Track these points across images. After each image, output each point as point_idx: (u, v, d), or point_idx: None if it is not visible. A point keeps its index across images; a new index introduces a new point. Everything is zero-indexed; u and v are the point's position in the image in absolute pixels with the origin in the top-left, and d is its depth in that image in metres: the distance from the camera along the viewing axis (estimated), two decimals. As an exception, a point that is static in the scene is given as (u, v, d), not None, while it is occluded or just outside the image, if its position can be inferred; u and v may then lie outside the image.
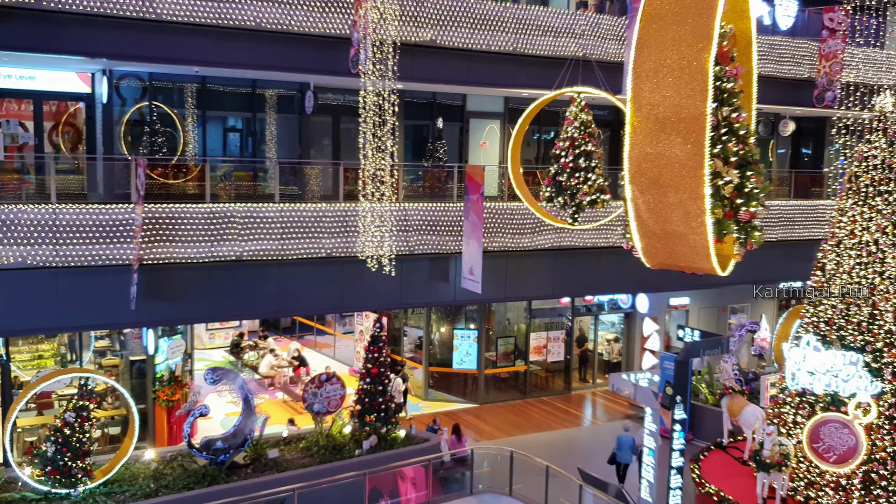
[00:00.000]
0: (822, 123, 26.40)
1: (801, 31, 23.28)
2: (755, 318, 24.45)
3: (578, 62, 17.25)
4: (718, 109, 7.36)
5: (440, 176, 20.05)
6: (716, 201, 7.34)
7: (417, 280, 18.24)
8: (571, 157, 15.66)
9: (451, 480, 16.66)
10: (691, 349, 14.82)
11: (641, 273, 13.63)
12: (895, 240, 14.45)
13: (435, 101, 20.79)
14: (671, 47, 6.84)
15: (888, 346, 14.16)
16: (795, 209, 23.22)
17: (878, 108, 15.05)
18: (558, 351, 24.10)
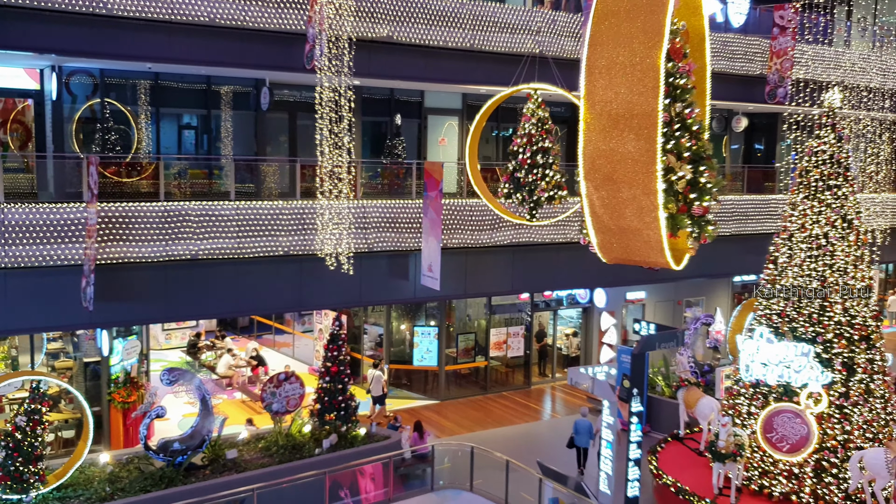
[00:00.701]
0: (773, 119, 26.92)
1: (753, 29, 23.69)
2: (710, 311, 24.87)
3: (535, 59, 17.34)
4: (671, 105, 7.47)
5: (399, 173, 20.02)
6: (669, 196, 7.45)
7: (377, 277, 18.18)
8: (529, 154, 15.75)
9: (412, 477, 16.66)
10: (647, 342, 15.04)
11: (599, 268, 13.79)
12: (844, 233, 14.81)
13: (393, 98, 20.73)
14: (623, 44, 6.91)
15: (838, 336, 14.52)
16: (748, 204, 23.65)
17: (827, 104, 15.40)
18: (518, 346, 24.24)
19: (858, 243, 14.90)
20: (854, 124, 23.71)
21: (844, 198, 14.90)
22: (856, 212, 15.08)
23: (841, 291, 14.60)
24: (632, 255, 7.76)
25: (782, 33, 22.30)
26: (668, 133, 7.39)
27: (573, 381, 22.46)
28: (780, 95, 22.62)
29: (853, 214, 14.97)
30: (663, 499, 15.62)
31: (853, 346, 14.52)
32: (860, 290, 14.72)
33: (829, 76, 23.56)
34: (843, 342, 14.49)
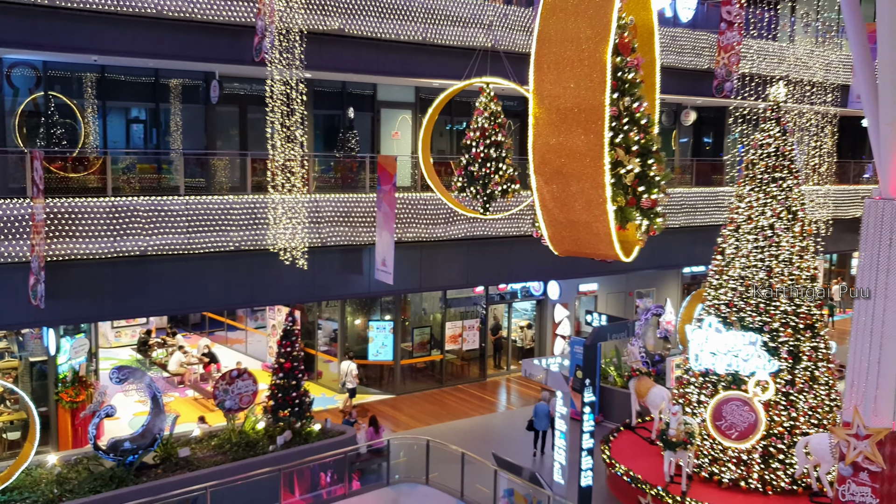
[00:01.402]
0: (721, 113, 27.41)
1: (701, 24, 24.08)
2: (660, 301, 25.27)
3: (487, 53, 17.38)
4: (620, 100, 7.56)
5: (352, 166, 19.92)
6: (618, 189, 7.54)
7: (330, 272, 18.09)
8: (482, 148, 15.79)
9: (367, 472, 16.63)
10: (599, 333, 15.21)
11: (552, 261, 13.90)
12: (789, 224, 15.17)
13: (345, 91, 20.61)
14: (571, 39, 6.98)
15: (784, 325, 14.87)
16: (697, 196, 24.05)
17: (773, 98, 15.73)
18: (473, 339, 24.33)
19: (803, 234, 15.27)
20: (798, 118, 24.26)
21: (789, 190, 15.25)
22: (800, 203, 15.45)
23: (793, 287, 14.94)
24: (582, 247, 7.84)
25: (729, 28, 22.71)
26: (616, 127, 7.49)
27: (527, 372, 22.64)
28: (727, 89, 23.03)
29: (798, 206, 15.33)
30: (616, 487, 15.86)
31: (799, 335, 14.89)
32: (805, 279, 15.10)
33: (774, 71, 24.05)
34: (789, 331, 14.85)
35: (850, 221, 25.24)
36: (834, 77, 25.20)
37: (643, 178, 7.81)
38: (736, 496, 14.55)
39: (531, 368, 22.23)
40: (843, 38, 24.88)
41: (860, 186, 28.30)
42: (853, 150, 29.65)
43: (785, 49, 24.67)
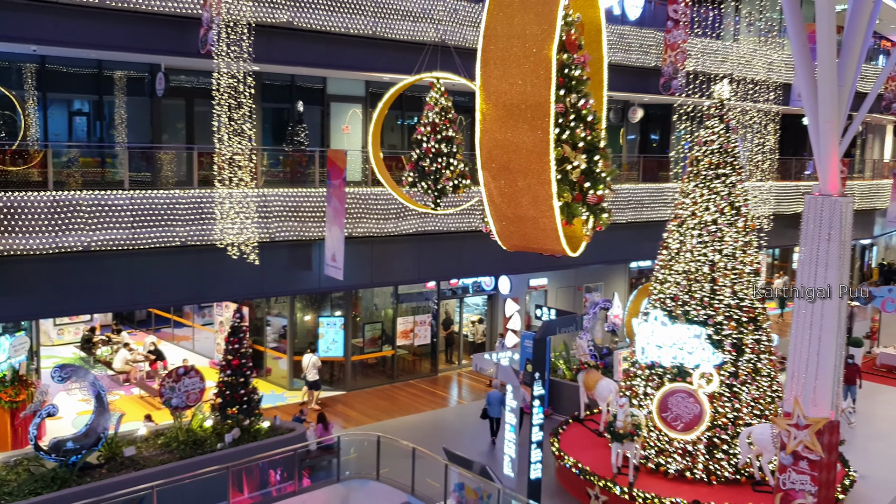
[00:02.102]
0: (668, 110, 27.84)
1: (648, 22, 24.41)
2: (608, 296, 25.61)
3: (438, 48, 17.38)
4: (566, 96, 7.63)
5: (301, 160, 19.75)
6: (564, 185, 7.62)
7: (279, 268, 17.91)
8: (433, 143, 15.81)
9: (317, 469, 16.54)
10: (548, 327, 15.35)
11: (503, 256, 14.00)
12: (732, 220, 15.48)
13: (294, 84, 20.42)
14: (517, 35, 7.01)
15: (727, 319, 15.19)
16: (644, 192, 24.42)
17: (717, 96, 16.04)
18: (425, 334, 24.35)
19: (746, 229, 15.61)
20: (742, 115, 24.78)
21: (732, 186, 15.56)
22: (743, 199, 15.78)
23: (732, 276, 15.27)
24: (530, 242, 7.90)
25: (675, 27, 23.07)
26: (563, 124, 7.55)
27: (478, 367, 22.75)
28: (674, 87, 23.40)
29: (741, 202, 15.66)
30: (565, 480, 16.04)
31: (742, 328, 15.23)
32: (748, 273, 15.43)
33: (718, 69, 24.52)
34: (733, 324, 15.17)
35: (791, 217, 25.89)
36: (776, 76, 25.79)
37: (589, 175, 7.90)
38: (682, 486, 14.82)
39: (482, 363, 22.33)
40: (785, 37, 25.46)
41: (801, 183, 29.06)
42: (795, 148, 30.40)
43: (729, 48, 25.16)
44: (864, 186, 34.36)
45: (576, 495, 15.58)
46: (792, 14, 11.22)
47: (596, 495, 14.97)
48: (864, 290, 24.70)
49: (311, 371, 20.68)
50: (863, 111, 11.92)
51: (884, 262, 41.51)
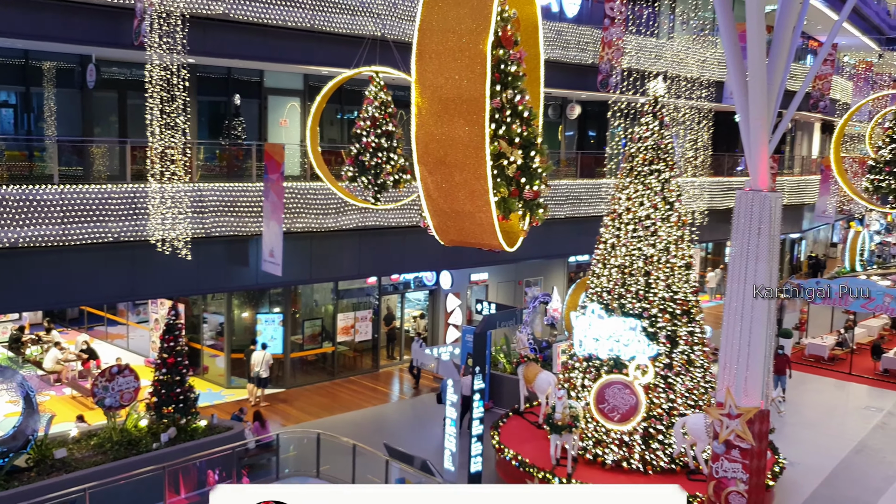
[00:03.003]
0: (605, 107, 28.22)
1: (586, 19, 24.71)
2: (547, 290, 25.90)
3: (377, 41, 17.30)
4: (502, 92, 7.66)
5: (238, 154, 19.44)
6: (501, 181, 7.66)
7: (215, 264, 17.61)
8: (373, 137, 15.73)
9: (256, 467, 16.36)
10: (488, 322, 15.45)
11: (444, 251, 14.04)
12: (666, 214, 15.80)
13: (231, 77, 20.07)
14: (452, 30, 7.02)
15: (662, 311, 15.50)
16: (581, 188, 24.72)
17: (652, 93, 16.33)
18: (366, 330, 24.25)
19: (679, 224, 15.95)
20: (675, 112, 25.28)
21: (666, 181, 15.87)
22: (677, 195, 16.12)
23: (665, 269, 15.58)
24: (467, 237, 7.93)
25: (612, 24, 23.39)
26: (499, 119, 7.59)
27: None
28: (611, 84, 23.74)
29: (674, 197, 15.99)
30: (505, 472, 16.17)
31: (676, 321, 15.56)
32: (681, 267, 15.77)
33: (653, 66, 24.96)
34: (667, 317, 15.49)
35: (724, 212, 26.54)
36: (710, 73, 26.39)
37: (525, 170, 7.95)
38: (619, 476, 15.09)
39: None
40: (717, 36, 26.07)
41: (734, 178, 29.82)
42: (728, 144, 31.15)
43: (664, 46, 25.64)
44: (794, 182, 35.45)
45: (516, 488, 15.71)
46: (723, 13, 11.47)
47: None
48: (794, 282, 25.50)
49: (265, 368, 20.42)
50: (792, 109, 12.25)
51: (813, 254, 42.91)
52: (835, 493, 15.99)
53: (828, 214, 34.77)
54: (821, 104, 35.02)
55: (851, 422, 20.40)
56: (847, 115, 22.56)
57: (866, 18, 39.90)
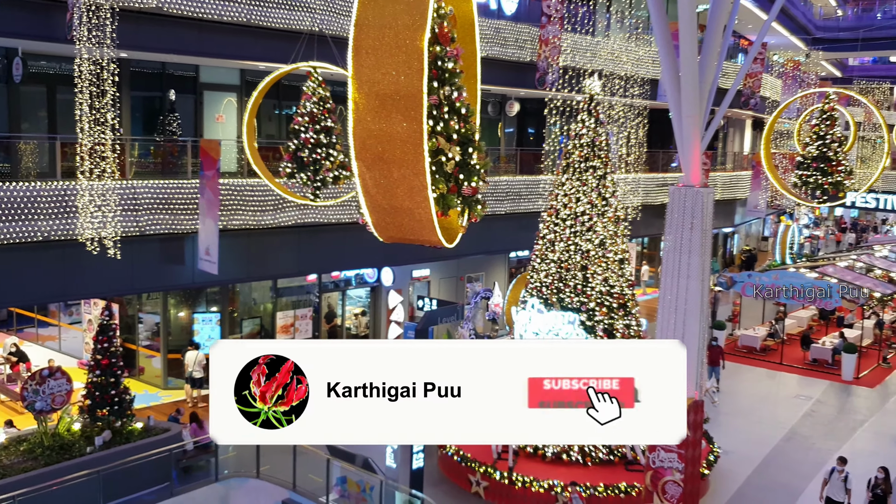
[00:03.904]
0: (544, 104, 28.53)
1: (524, 17, 24.88)
2: (489, 285, 26.05)
3: (315, 37, 17.14)
4: (440, 88, 7.68)
5: (173, 151, 19.05)
6: (439, 177, 7.68)
7: (150, 263, 17.24)
8: (312, 133, 15.60)
9: (195, 469, 16.09)
10: (429, 318, 15.48)
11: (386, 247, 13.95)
12: (602, 210, 16.06)
13: (165, 72, 19.65)
14: (389, 25, 7.01)
15: (599, 305, 15.76)
16: (521, 184, 24.94)
17: (588, 91, 16.57)
18: (306, 328, 24.02)
19: (615, 219, 16.23)
20: (611, 110, 25.68)
21: (602, 178, 16.14)
22: (612, 191, 16.39)
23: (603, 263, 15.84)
24: (406, 233, 7.93)
25: (549, 22, 23.63)
26: (437, 115, 7.60)
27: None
28: (549, 82, 23.99)
29: (610, 193, 16.26)
30: (447, 468, 16.24)
31: (613, 314, 15.84)
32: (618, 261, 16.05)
33: (589, 64, 25.30)
34: (604, 310, 15.76)
35: (659, 207, 27.09)
36: (644, 72, 26.88)
37: (464, 167, 7.99)
38: (559, 469, 15.29)
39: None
40: (652, 34, 26.56)
41: (668, 175, 30.45)
42: (662, 141, 31.79)
43: (600, 44, 26.01)
44: (726, 178, 36.37)
45: (458, 482, 15.80)
46: (657, 12, 11.71)
47: (477, 481, 15.24)
48: (726, 275, 26.20)
49: (198, 368, 20.06)
50: (724, 106, 12.58)
51: (747, 248, 44.11)
52: (767, 479, 16.51)
53: (759, 209, 35.84)
54: (751, 102, 36.03)
55: (782, 410, 21.07)
56: (776, 112, 23.28)
57: (794, 19, 41.21)
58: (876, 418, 20.45)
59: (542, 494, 14.48)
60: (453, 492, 15.64)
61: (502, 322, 21.42)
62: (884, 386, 23.47)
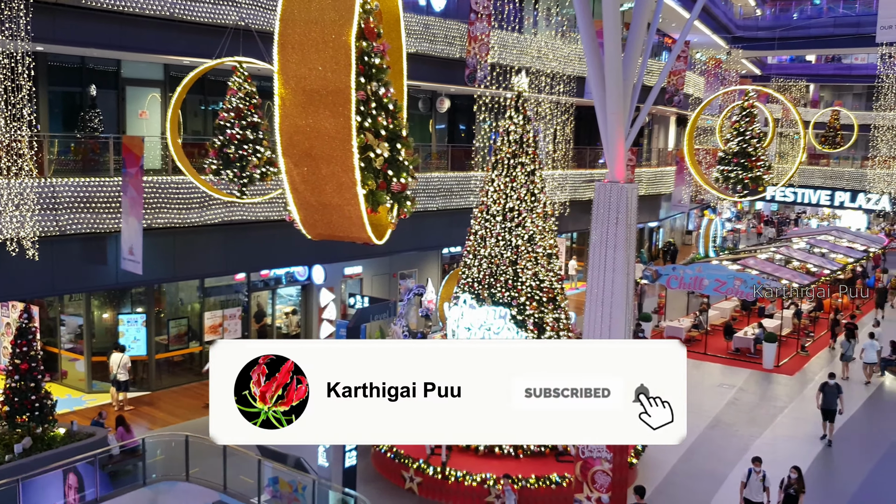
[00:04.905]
0: (474, 101, 28.70)
1: (453, 13, 24.96)
2: (422, 282, 26.10)
3: (240, 31, 16.87)
4: (367, 84, 7.65)
5: (94, 148, 18.49)
6: (368, 173, 7.66)
7: (71, 263, 16.70)
8: (238, 129, 15.36)
9: (121, 474, 15.67)
10: (361, 315, 15.42)
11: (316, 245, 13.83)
12: (532, 206, 16.27)
13: (86, 67, 19.04)
14: (315, 21, 6.95)
15: (530, 299, 15.96)
16: (453, 180, 25.04)
17: (517, 88, 16.74)
18: (235, 328, 23.63)
19: (544, 215, 16.45)
20: (539, 107, 25.99)
21: (531, 174, 16.34)
22: (541, 187, 16.62)
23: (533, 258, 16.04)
24: (335, 230, 7.88)
25: (478, 19, 23.77)
26: (364, 111, 7.58)
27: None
28: (478, 78, 24.12)
29: (539, 189, 16.48)
30: (381, 465, 16.23)
31: (542, 308, 16.06)
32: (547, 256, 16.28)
33: (517, 61, 25.54)
34: (535, 304, 15.97)
35: (587, 203, 27.55)
36: (572, 69, 27.27)
37: (392, 163, 7.98)
38: (492, 462, 15.44)
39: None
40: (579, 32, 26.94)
41: (595, 171, 30.99)
42: (590, 138, 32.33)
43: (527, 41, 26.28)
44: (651, 173, 37.24)
45: (391, 479, 15.81)
46: (582, 10, 11.89)
47: (411, 477, 15.27)
48: (651, 268, 26.84)
49: (123, 371, 19.52)
50: (648, 103, 12.85)
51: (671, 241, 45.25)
52: (693, 467, 16.98)
53: (683, 204, 36.81)
54: (675, 99, 36.95)
55: (707, 399, 21.70)
56: (699, 109, 23.91)
57: (715, 18, 42.41)
58: (795, 404, 21.25)
59: (476, 488, 14.61)
60: (387, 489, 15.64)
61: (436, 318, 21.49)
62: (802, 373, 24.40)
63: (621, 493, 12.42)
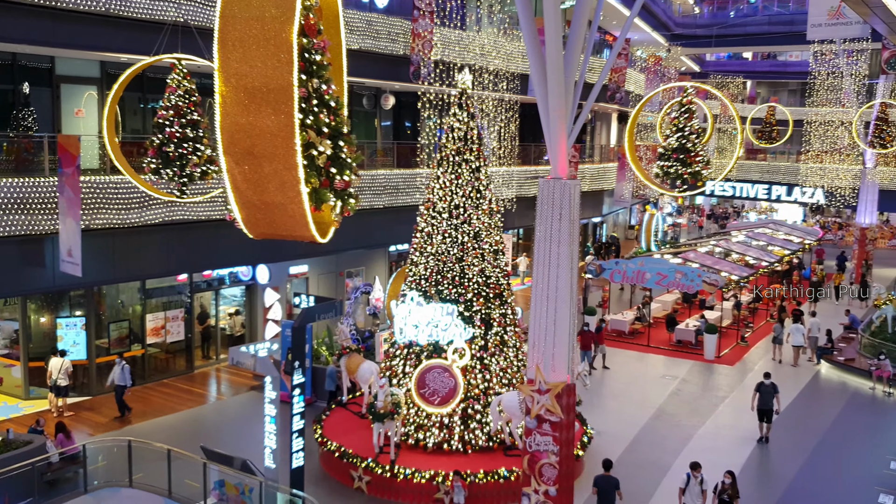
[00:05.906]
0: (419, 98, 28.65)
1: (396, 10, 24.89)
2: (369, 280, 25.99)
3: (179, 28, 16.56)
4: (309, 81, 7.59)
5: (28, 147, 17.95)
6: (311, 171, 7.60)
7: (7, 266, 16.21)
8: (177, 127, 15.08)
9: (61, 482, 15.27)
10: (306, 315, 15.31)
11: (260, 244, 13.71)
12: (478, 202, 16.34)
13: (17, 64, 18.47)
14: (256, 18, 6.87)
15: (476, 296, 16.04)
16: (399, 178, 25.00)
17: (461, 85, 16.78)
18: (178, 330, 23.21)
19: (490, 211, 16.54)
20: (483, 104, 26.09)
21: (476, 171, 16.41)
22: (486, 184, 16.69)
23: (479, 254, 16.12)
24: (278, 229, 7.81)
25: (422, 16, 23.75)
26: (306, 109, 7.52)
27: (234, 360, 22.16)
28: (423, 76, 24.11)
29: (484, 186, 16.56)
30: (329, 465, 16.13)
31: (489, 304, 16.16)
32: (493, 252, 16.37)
33: (460, 59, 25.60)
34: (481, 300, 16.05)
35: (532, 199, 27.71)
36: (515, 66, 27.44)
37: (335, 160, 7.94)
38: (440, 458, 15.48)
39: (239, 356, 21.79)
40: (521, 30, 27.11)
41: (540, 167, 31.26)
42: (534, 135, 32.58)
43: (470, 38, 26.36)
44: (594, 169, 37.72)
45: (340, 479, 15.73)
46: (523, 8, 11.96)
47: (360, 476, 15.22)
48: (595, 263, 27.21)
49: (63, 376, 18.99)
50: (590, 100, 12.99)
51: (614, 234, 45.91)
52: (638, 457, 17.28)
53: (625, 199, 37.37)
54: (617, 96, 37.48)
55: (651, 390, 22.10)
56: (639, 105, 24.25)
57: (655, 16, 43.14)
58: (736, 394, 21.77)
59: (425, 485, 14.63)
60: (336, 489, 15.56)
61: (383, 316, 21.44)
62: (742, 363, 25.02)
63: (568, 486, 12.57)
